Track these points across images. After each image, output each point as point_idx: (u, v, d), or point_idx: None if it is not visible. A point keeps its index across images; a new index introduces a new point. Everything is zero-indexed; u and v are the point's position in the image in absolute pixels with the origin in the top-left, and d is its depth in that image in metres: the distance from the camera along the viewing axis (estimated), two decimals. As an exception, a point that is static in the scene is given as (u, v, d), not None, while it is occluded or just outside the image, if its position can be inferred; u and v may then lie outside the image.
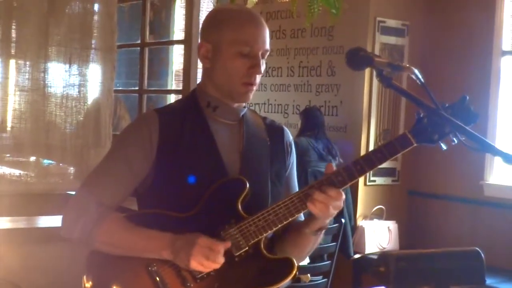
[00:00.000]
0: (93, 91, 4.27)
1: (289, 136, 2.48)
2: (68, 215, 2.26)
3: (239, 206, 2.19)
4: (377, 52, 6.30)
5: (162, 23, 8.67)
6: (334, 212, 2.18)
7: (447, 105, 2.09)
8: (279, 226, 2.19)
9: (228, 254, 2.14)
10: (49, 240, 3.56)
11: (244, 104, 2.36)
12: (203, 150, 2.26)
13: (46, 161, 4.70)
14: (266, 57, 2.28)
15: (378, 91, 6.39)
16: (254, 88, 2.27)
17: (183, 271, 2.16)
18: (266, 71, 7.36)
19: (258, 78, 2.26)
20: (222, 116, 2.31)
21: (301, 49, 6.97)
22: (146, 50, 4.70)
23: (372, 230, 6.29)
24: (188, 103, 2.36)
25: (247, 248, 2.17)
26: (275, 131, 2.44)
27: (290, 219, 2.20)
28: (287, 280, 2.18)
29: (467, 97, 2.10)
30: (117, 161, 2.27)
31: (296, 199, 2.18)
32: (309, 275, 4.70)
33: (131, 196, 2.34)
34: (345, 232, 6.12)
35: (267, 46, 2.26)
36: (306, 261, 4.52)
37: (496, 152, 1.88)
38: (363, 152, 6.37)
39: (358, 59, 2.11)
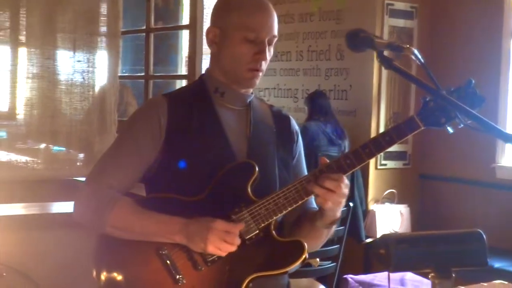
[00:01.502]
0: (99, 77, 4.27)
1: (295, 125, 2.48)
2: (79, 200, 2.27)
3: (249, 190, 2.20)
4: (385, 35, 6.27)
5: (171, 9, 8.66)
6: (340, 200, 2.17)
7: (452, 89, 2.07)
8: (289, 209, 2.19)
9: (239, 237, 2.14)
10: (59, 226, 3.59)
11: (251, 91, 2.37)
12: (211, 135, 2.27)
13: (56, 148, 4.73)
14: (274, 43, 2.29)
15: (388, 74, 6.35)
16: (260, 74, 2.28)
17: (194, 255, 2.16)
18: (275, 55, 7.35)
19: (264, 65, 2.27)
20: (230, 102, 2.32)
21: (309, 33, 6.94)
22: (152, 35, 4.69)
23: (384, 214, 6.27)
24: (196, 88, 2.37)
25: (257, 231, 2.17)
26: (281, 119, 2.45)
27: (300, 202, 2.20)
28: (298, 263, 2.18)
29: (473, 81, 2.08)
30: (125, 146, 2.29)
31: (305, 181, 2.18)
32: (318, 259, 4.70)
33: (139, 182, 2.34)
34: (356, 216, 6.11)
35: (275, 32, 2.27)
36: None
37: (502, 135, 1.84)
38: (373, 134, 6.36)
39: (358, 40, 2.07)
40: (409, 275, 5.01)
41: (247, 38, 2.22)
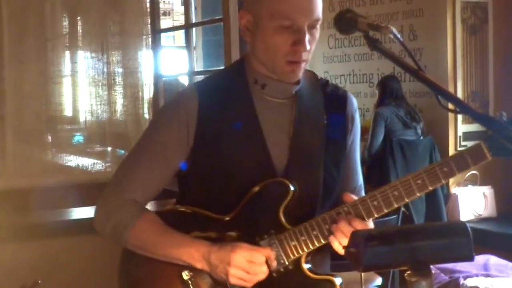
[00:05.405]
0: (146, 77, 4.29)
1: (353, 104, 2.16)
2: (101, 209, 2.07)
3: (281, 215, 1.96)
4: (458, 11, 6.04)
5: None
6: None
7: None
8: (324, 243, 1.95)
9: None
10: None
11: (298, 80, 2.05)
12: (246, 139, 2.01)
13: (121, 151, 4.80)
14: (317, 27, 1.97)
15: (463, 52, 6.12)
16: (303, 65, 1.98)
17: (219, 282, 1.98)
18: (349, 41, 7.22)
19: (306, 55, 1.96)
20: (272, 95, 2.04)
21: (381, 15, 6.76)
22: (192, 31, 4.58)
23: (467, 197, 6.05)
24: (234, 78, 2.09)
25: (286, 264, 1.97)
26: (336, 102, 2.12)
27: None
28: None
29: None
30: (150, 149, 2.06)
31: (344, 212, 1.93)
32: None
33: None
34: (437, 201, 5.93)
35: (316, 15, 1.94)
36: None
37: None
38: (451, 116, 6.13)
39: (344, 21, 1.93)
40: (493, 259, 4.79)
41: (282, 26, 1.92)
